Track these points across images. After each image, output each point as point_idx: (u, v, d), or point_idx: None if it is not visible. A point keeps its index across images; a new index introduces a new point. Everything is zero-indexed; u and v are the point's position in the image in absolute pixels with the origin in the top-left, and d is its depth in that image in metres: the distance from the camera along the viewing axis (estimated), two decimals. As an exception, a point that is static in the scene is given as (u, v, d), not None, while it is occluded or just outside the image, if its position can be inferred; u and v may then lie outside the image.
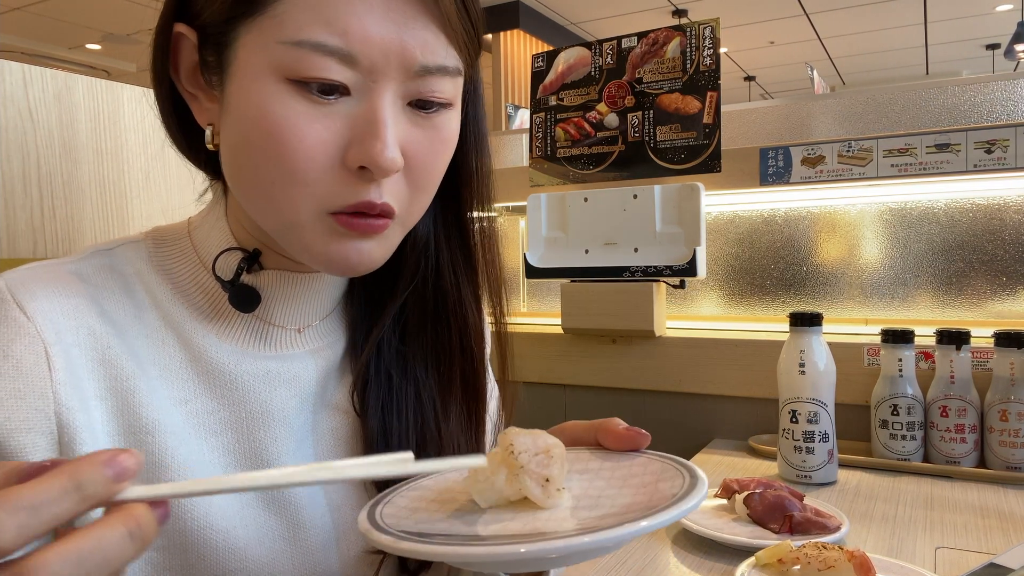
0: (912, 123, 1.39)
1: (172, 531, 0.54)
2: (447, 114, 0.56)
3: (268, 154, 0.51)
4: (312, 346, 0.64)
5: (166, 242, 0.62)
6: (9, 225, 1.02)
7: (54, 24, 6.31)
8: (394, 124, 0.52)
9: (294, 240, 0.55)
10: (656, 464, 0.51)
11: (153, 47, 0.57)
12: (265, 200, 0.53)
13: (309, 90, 0.50)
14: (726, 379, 1.36)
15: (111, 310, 0.56)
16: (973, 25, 6.96)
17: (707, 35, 1.34)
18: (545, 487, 0.46)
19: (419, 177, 0.55)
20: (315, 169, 0.51)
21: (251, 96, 0.51)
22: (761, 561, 0.73)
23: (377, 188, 0.53)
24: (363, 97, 0.51)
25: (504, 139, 1.82)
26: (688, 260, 1.32)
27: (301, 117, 0.50)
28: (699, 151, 1.34)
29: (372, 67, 0.50)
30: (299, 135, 0.50)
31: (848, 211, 1.45)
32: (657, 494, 0.46)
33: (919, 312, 1.39)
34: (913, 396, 1.14)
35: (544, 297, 1.77)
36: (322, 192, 0.52)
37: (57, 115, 1.08)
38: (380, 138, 0.50)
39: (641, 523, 0.40)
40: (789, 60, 8.06)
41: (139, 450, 0.53)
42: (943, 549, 0.84)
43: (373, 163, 0.51)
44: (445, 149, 0.57)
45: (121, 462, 0.34)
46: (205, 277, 0.60)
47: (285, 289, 0.62)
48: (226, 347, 0.59)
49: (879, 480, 1.09)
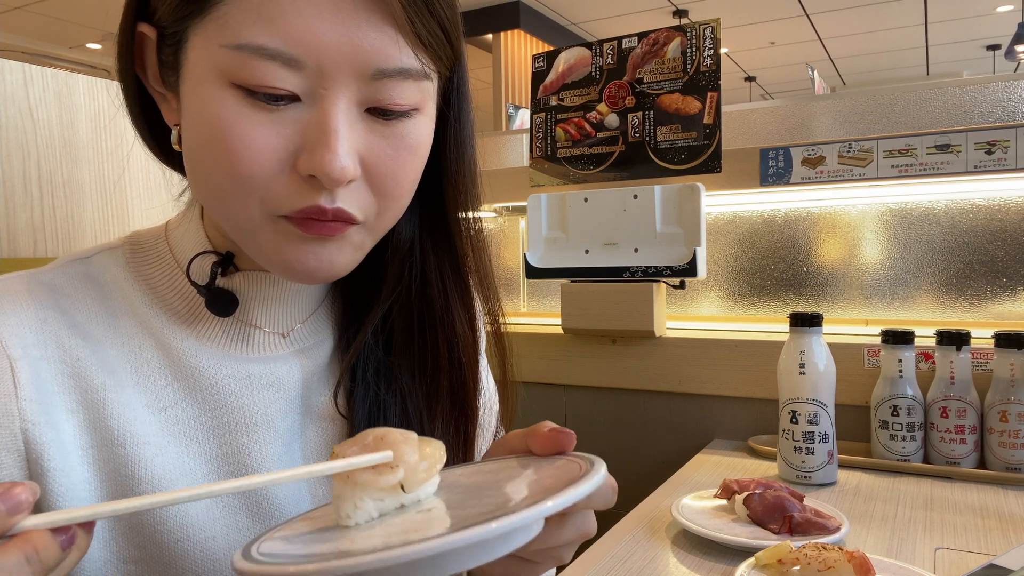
0: (912, 124, 1.39)
1: (148, 544, 0.53)
2: (413, 120, 0.53)
3: (218, 159, 0.49)
4: (296, 347, 0.62)
5: (143, 247, 0.60)
6: (9, 224, 1.02)
7: (55, 23, 6.31)
8: (349, 132, 0.49)
9: (253, 245, 0.53)
10: (572, 464, 0.47)
11: (118, 45, 0.55)
12: (220, 204, 0.52)
13: (256, 96, 0.47)
14: (726, 379, 1.36)
15: (82, 321, 0.55)
16: (974, 26, 6.96)
17: (708, 35, 1.34)
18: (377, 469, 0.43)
19: (384, 185, 0.53)
20: (263, 175, 0.49)
21: (199, 99, 0.49)
22: (761, 562, 0.73)
23: (329, 195, 0.50)
24: (315, 103, 0.48)
25: (504, 139, 1.82)
26: (688, 260, 1.32)
27: (249, 123, 0.48)
28: (699, 151, 1.34)
29: (321, 71, 0.47)
30: (246, 141, 0.48)
31: (848, 212, 1.45)
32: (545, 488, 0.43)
33: (919, 313, 1.39)
34: (913, 397, 1.14)
35: (544, 297, 1.77)
36: (271, 197, 0.50)
37: (58, 114, 1.08)
38: (330, 148, 0.48)
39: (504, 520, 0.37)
40: (790, 60, 8.06)
41: (113, 462, 0.53)
42: (943, 550, 0.84)
43: (322, 173, 0.48)
44: (412, 156, 0.54)
45: (14, 496, 0.36)
46: (182, 280, 0.59)
47: (263, 291, 0.60)
48: (206, 351, 0.58)
49: (879, 481, 1.09)
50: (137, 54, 0.55)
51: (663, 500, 1.03)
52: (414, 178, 0.55)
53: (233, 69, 0.47)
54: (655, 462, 1.42)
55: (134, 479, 0.53)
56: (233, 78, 0.47)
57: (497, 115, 6.16)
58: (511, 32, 6.45)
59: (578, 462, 0.47)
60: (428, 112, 0.54)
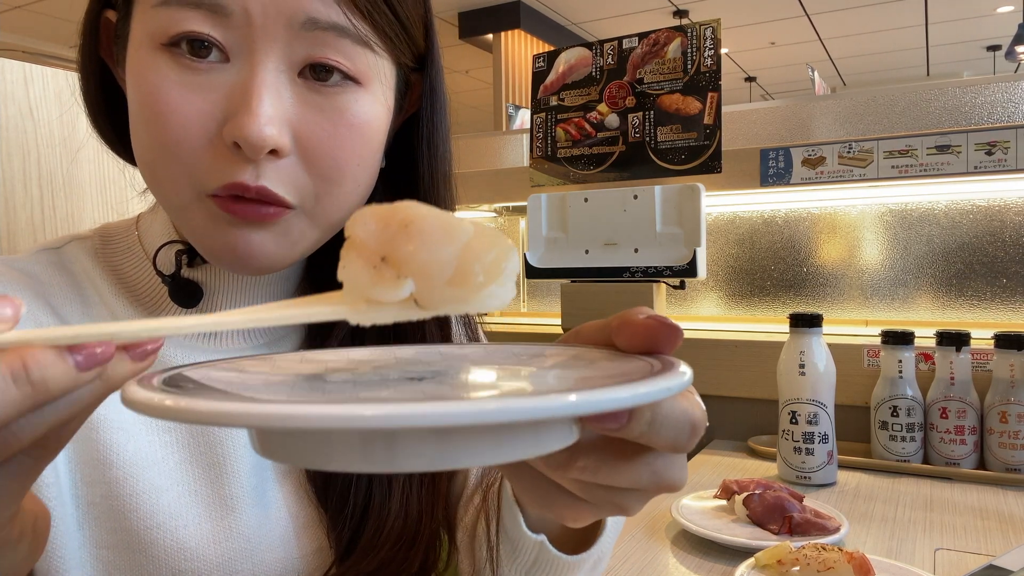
0: (913, 124, 1.39)
1: (119, 530, 0.53)
2: (354, 95, 0.49)
3: (148, 128, 0.47)
4: (263, 339, 0.61)
5: (113, 238, 0.60)
6: (9, 223, 1.02)
7: (55, 23, 6.31)
8: (275, 96, 0.46)
9: (185, 226, 0.51)
10: (659, 363, 0.33)
11: (81, 34, 0.55)
12: (153, 181, 0.50)
13: (181, 53, 0.46)
14: (726, 380, 1.36)
15: (59, 306, 0.55)
16: (974, 26, 6.96)
17: (708, 36, 1.34)
18: (378, 269, 0.31)
19: (320, 165, 0.49)
20: (188, 142, 0.46)
21: (133, 67, 0.48)
22: (760, 562, 0.73)
23: (253, 169, 0.47)
24: (243, 63, 0.46)
25: (504, 139, 1.82)
26: (688, 261, 1.32)
27: (174, 86, 0.46)
28: (700, 152, 1.34)
29: (248, 19, 0.45)
30: (172, 105, 0.46)
31: (848, 212, 1.45)
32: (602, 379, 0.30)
33: (919, 313, 1.39)
34: (913, 397, 1.14)
35: (544, 297, 1.77)
36: (197, 170, 0.47)
37: (58, 113, 1.08)
38: (251, 110, 0.45)
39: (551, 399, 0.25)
40: (790, 61, 8.06)
41: (86, 444, 0.53)
42: (942, 551, 0.84)
43: (242, 138, 0.45)
44: (352, 134, 0.50)
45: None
46: (149, 272, 0.58)
47: (228, 282, 0.59)
48: (173, 341, 0.57)
49: (879, 481, 1.09)
50: (104, 42, 0.55)
51: (663, 500, 1.03)
52: (357, 161, 0.51)
53: (161, 26, 0.46)
54: (655, 462, 1.42)
55: (106, 464, 0.53)
56: (160, 36, 0.46)
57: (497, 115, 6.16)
58: (511, 32, 6.45)
59: (670, 363, 0.33)
60: (374, 92, 0.51)
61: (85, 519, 0.53)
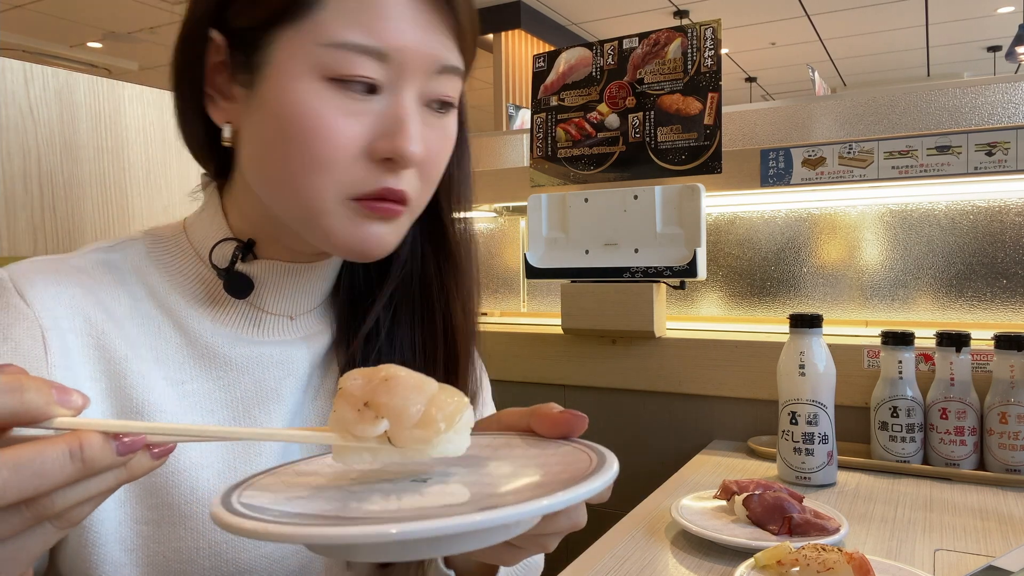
0: (913, 125, 1.39)
1: (161, 505, 0.58)
2: (451, 116, 0.62)
3: (301, 145, 0.56)
4: (302, 333, 0.68)
5: (162, 239, 0.67)
6: (10, 223, 1.02)
7: (55, 22, 6.31)
8: (417, 122, 0.58)
9: (316, 227, 0.59)
10: (580, 454, 0.44)
11: (180, 51, 0.62)
12: (291, 190, 0.58)
13: (347, 88, 0.56)
14: (726, 380, 1.36)
15: (107, 300, 0.61)
16: (974, 27, 6.96)
17: (708, 36, 1.34)
18: (361, 412, 0.40)
19: (430, 171, 0.61)
20: (343, 159, 0.56)
21: (289, 94, 0.56)
22: (760, 563, 0.73)
23: (396, 177, 0.58)
24: (391, 95, 0.57)
25: (505, 139, 1.82)
26: (688, 261, 1.32)
27: (337, 112, 0.56)
28: (700, 152, 1.34)
29: (401, 66, 0.57)
30: (335, 128, 0.56)
31: (849, 213, 1.45)
32: (554, 478, 0.41)
33: (919, 314, 1.39)
34: (913, 398, 1.14)
35: (544, 297, 1.77)
36: (346, 180, 0.57)
37: (58, 113, 1.08)
38: (406, 132, 0.57)
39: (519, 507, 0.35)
40: (790, 61, 8.06)
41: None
42: (942, 551, 0.84)
43: (399, 154, 0.56)
44: (449, 146, 0.63)
45: (68, 391, 0.36)
46: (200, 267, 0.65)
47: (278, 279, 0.66)
48: (221, 331, 0.64)
49: (878, 482, 1.09)
50: (208, 60, 0.61)
51: (663, 501, 1.03)
52: (445, 166, 0.64)
53: (330, 64, 0.55)
54: (655, 462, 1.42)
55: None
56: (328, 72, 0.55)
57: (497, 115, 6.16)
58: (512, 32, 6.45)
59: (587, 452, 0.45)
60: (456, 110, 0.64)
61: (127, 497, 0.58)
